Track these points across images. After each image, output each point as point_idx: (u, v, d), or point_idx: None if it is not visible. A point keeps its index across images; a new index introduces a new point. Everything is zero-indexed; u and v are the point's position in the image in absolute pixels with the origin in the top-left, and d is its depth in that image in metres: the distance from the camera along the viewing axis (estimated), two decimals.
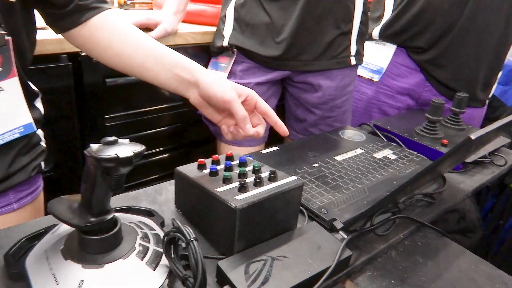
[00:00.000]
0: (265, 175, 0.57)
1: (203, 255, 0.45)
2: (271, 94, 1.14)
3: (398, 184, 0.75)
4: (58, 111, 1.00)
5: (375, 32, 1.27)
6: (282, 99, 1.23)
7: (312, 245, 0.55)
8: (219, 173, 0.58)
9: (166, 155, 1.30)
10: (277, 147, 0.85)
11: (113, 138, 0.44)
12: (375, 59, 1.30)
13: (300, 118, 1.20)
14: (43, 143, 0.75)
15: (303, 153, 0.84)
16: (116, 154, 0.41)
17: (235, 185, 0.54)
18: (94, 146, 0.43)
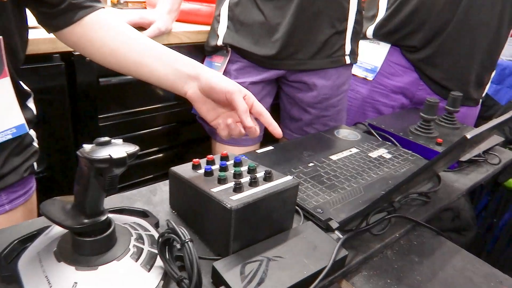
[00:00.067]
0: (260, 175, 0.57)
1: (198, 256, 0.45)
2: (266, 93, 1.14)
3: (393, 183, 0.75)
4: (51, 111, 0.99)
5: (369, 31, 1.27)
6: (277, 98, 1.23)
7: (308, 245, 0.55)
8: (214, 173, 0.57)
9: (160, 155, 1.29)
10: (272, 147, 0.85)
11: (106, 138, 0.43)
12: (370, 58, 1.30)
13: (295, 117, 1.20)
14: (35, 144, 0.74)
15: (298, 152, 0.83)
16: (109, 155, 0.41)
17: (230, 185, 0.54)
18: (87, 146, 0.42)
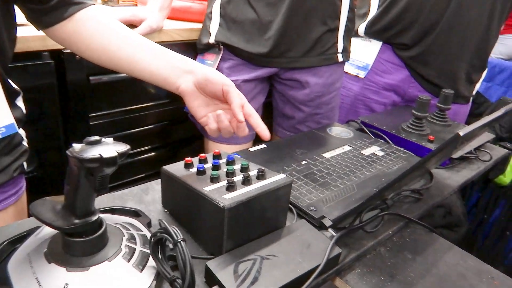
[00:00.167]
0: (253, 173, 0.56)
1: (191, 256, 0.45)
2: (258, 91, 1.14)
3: (386, 180, 0.75)
4: (40, 110, 0.98)
5: (361, 28, 1.27)
6: (269, 96, 1.22)
7: (301, 243, 0.54)
8: (207, 171, 0.57)
9: (152, 154, 1.28)
10: (265, 145, 0.84)
11: (96, 137, 0.42)
12: (361, 55, 1.31)
13: (287, 115, 1.20)
14: (25, 143, 0.73)
15: (291, 150, 0.83)
16: (99, 154, 0.40)
17: (223, 184, 0.54)
18: (76, 146, 0.41)
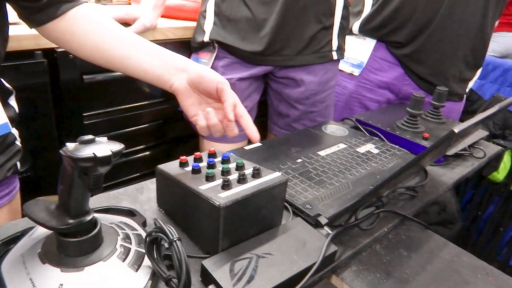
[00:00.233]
0: (248, 171, 0.56)
1: (187, 255, 0.44)
2: (253, 89, 1.13)
3: (381, 178, 0.75)
4: (33, 109, 0.97)
5: (355, 26, 1.27)
6: (264, 94, 1.22)
7: (297, 241, 0.54)
8: (202, 170, 0.57)
9: (147, 153, 1.28)
10: (260, 143, 0.84)
11: (90, 136, 0.42)
12: (356, 53, 1.31)
13: (282, 113, 1.20)
14: (18, 142, 0.73)
15: (286, 148, 0.83)
16: (93, 153, 0.40)
17: (218, 182, 0.54)
18: (70, 145, 0.41)
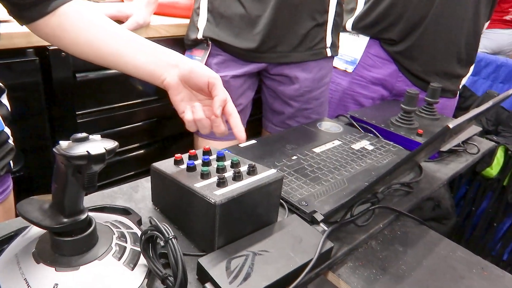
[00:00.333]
0: (244, 169, 0.56)
1: (183, 253, 0.44)
2: (247, 87, 1.13)
3: (376, 174, 0.75)
4: (26, 108, 0.96)
5: (348, 24, 1.27)
6: (259, 92, 1.22)
7: (293, 238, 0.54)
8: (197, 168, 0.56)
9: (141, 151, 1.27)
10: (255, 140, 0.84)
11: (83, 134, 0.42)
12: (349, 50, 1.31)
13: (277, 110, 1.20)
14: (10, 141, 0.72)
15: (281, 146, 0.83)
16: (87, 151, 0.40)
17: (214, 180, 0.53)
18: (63, 143, 0.41)
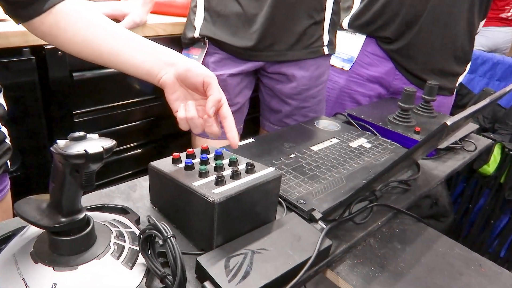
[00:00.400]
0: (242, 167, 0.56)
1: (181, 252, 0.44)
2: (245, 85, 1.13)
3: (374, 172, 0.75)
4: (22, 108, 0.95)
5: (345, 22, 1.27)
6: (256, 90, 1.22)
7: (292, 236, 0.54)
8: (195, 166, 0.56)
9: (139, 151, 1.27)
10: (253, 139, 0.84)
11: (81, 133, 0.41)
12: (346, 48, 1.31)
13: (275, 109, 1.20)
14: (7, 141, 0.72)
15: (279, 144, 0.83)
16: (85, 150, 0.39)
17: (212, 178, 0.53)
18: (61, 142, 0.40)
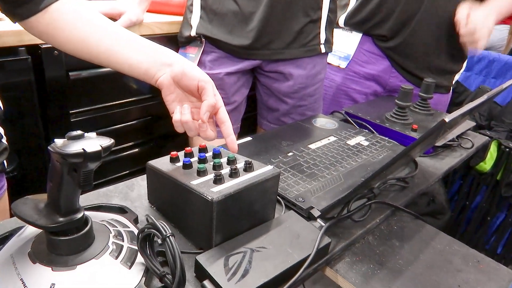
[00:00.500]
0: (240, 165, 0.56)
1: (180, 251, 0.44)
2: (241, 84, 1.13)
3: (372, 169, 0.76)
4: (19, 107, 0.95)
5: (341, 20, 1.27)
6: (253, 89, 1.22)
7: (290, 234, 0.54)
8: (193, 165, 0.56)
9: (136, 150, 1.26)
10: (251, 137, 0.84)
11: (79, 132, 0.41)
12: (343, 46, 1.31)
13: (272, 107, 1.20)
14: (4, 141, 0.71)
15: (277, 142, 0.83)
16: (83, 148, 0.39)
17: (210, 177, 0.53)
18: (58, 141, 0.40)
